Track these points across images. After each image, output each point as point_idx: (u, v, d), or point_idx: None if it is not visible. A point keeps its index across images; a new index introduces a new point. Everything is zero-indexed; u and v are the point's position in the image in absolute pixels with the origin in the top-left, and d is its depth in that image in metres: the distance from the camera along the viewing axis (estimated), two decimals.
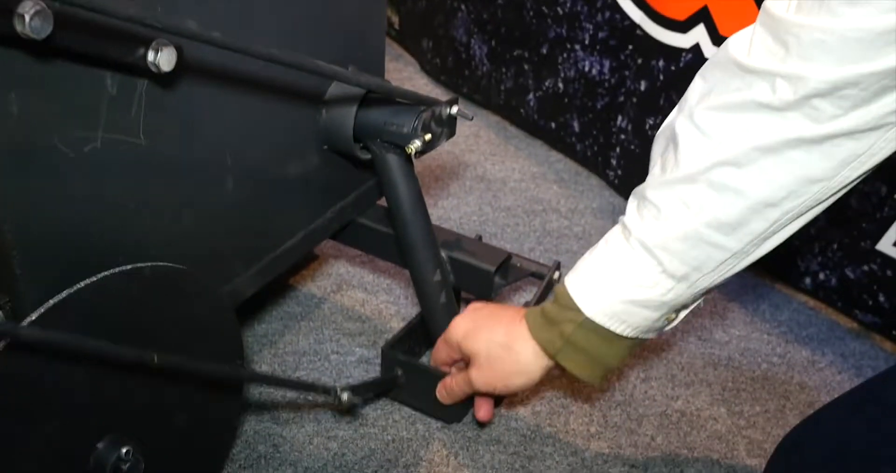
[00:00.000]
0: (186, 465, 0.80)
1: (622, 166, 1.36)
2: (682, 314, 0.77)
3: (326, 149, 0.92)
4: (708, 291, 0.73)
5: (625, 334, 0.74)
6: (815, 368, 1.07)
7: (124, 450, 0.68)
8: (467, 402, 0.92)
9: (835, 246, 1.11)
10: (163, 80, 0.67)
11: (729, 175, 0.64)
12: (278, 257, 0.90)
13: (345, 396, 0.82)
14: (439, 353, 0.90)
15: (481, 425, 0.95)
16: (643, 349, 1.08)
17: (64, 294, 0.62)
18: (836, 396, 0.83)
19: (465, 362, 0.87)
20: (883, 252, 1.07)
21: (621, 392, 1.02)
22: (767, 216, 0.65)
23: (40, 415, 0.63)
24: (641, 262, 0.70)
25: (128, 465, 0.68)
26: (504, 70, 1.56)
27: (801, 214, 0.65)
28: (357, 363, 1.04)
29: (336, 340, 1.08)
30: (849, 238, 1.10)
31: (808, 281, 1.16)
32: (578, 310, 0.73)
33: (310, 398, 0.98)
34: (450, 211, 1.35)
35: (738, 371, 1.06)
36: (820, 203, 0.64)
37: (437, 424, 0.96)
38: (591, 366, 0.77)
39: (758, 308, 1.17)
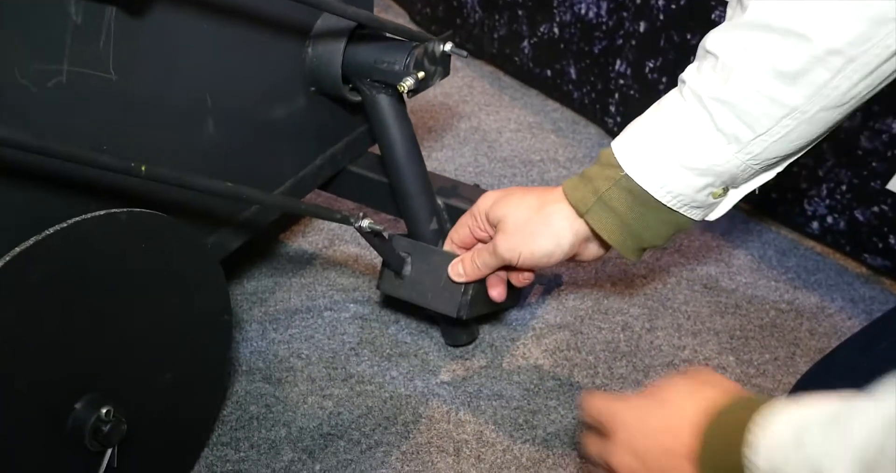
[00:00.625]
0: (173, 427, 0.76)
1: (621, 113, 1.31)
2: (732, 195, 0.72)
3: (314, 91, 0.87)
4: (760, 169, 0.68)
5: (663, 200, 0.69)
6: (825, 314, 1.03)
7: (104, 411, 0.64)
8: (478, 301, 0.86)
9: (843, 187, 1.07)
10: (133, 8, 0.62)
11: (793, 16, 0.60)
12: (265, 207, 0.85)
13: (365, 222, 0.77)
14: (459, 229, 0.84)
15: (482, 379, 0.91)
16: (647, 298, 1.04)
17: (31, 241, 0.57)
18: None
19: (487, 240, 0.82)
20: (894, 192, 1.03)
21: (626, 342, 0.98)
22: (831, 64, 0.60)
23: (9, 373, 0.58)
24: (692, 116, 0.66)
25: (108, 426, 0.64)
26: (497, 17, 1.50)
27: (867, 72, 0.60)
28: (352, 319, 1.00)
29: (329, 296, 1.04)
30: (858, 178, 1.05)
31: (815, 225, 1.12)
32: (618, 167, 0.69)
33: (303, 356, 0.94)
34: (444, 162, 1.30)
35: (745, 318, 1.02)
36: (886, 62, 0.59)
37: (436, 380, 0.92)
38: (622, 233, 0.71)
39: (764, 254, 1.13)
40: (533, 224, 0.76)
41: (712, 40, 0.66)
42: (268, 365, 0.93)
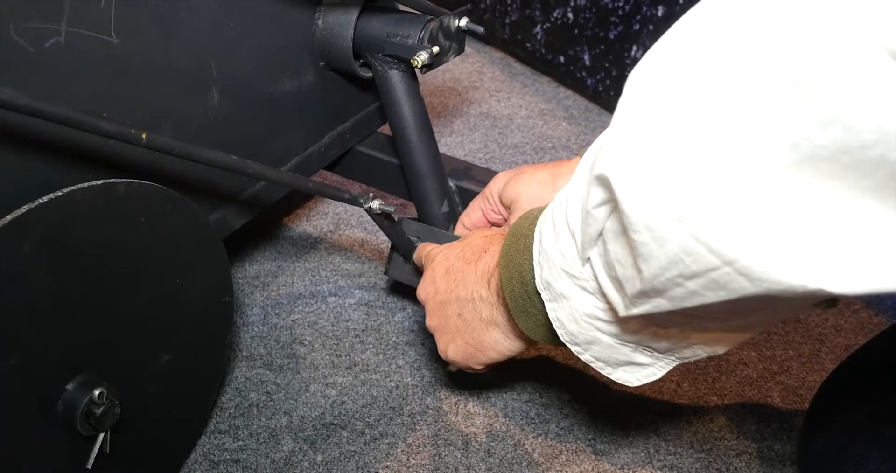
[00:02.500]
0: (169, 412, 0.72)
1: None
2: None
3: (323, 66, 0.83)
4: None
5: None
6: (851, 310, 0.99)
7: (97, 392, 0.60)
8: None
9: None
10: None
11: None
12: (271, 184, 0.81)
13: (375, 203, 0.74)
14: (471, 212, 0.81)
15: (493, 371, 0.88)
16: None
17: (24, 209, 0.53)
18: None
19: (500, 223, 0.80)
20: None
21: None
22: None
23: None
24: None
25: (101, 409, 0.60)
26: (509, 2, 1.46)
27: None
28: (357, 305, 0.96)
29: (334, 282, 1.00)
30: None
31: None
32: None
33: (306, 343, 0.90)
34: (454, 148, 1.26)
35: None
36: None
37: (444, 370, 0.88)
38: None
39: None
40: (547, 199, 0.72)
41: None
42: (269, 350, 0.90)
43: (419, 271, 0.83)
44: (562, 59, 1.40)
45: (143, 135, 0.54)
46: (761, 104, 0.36)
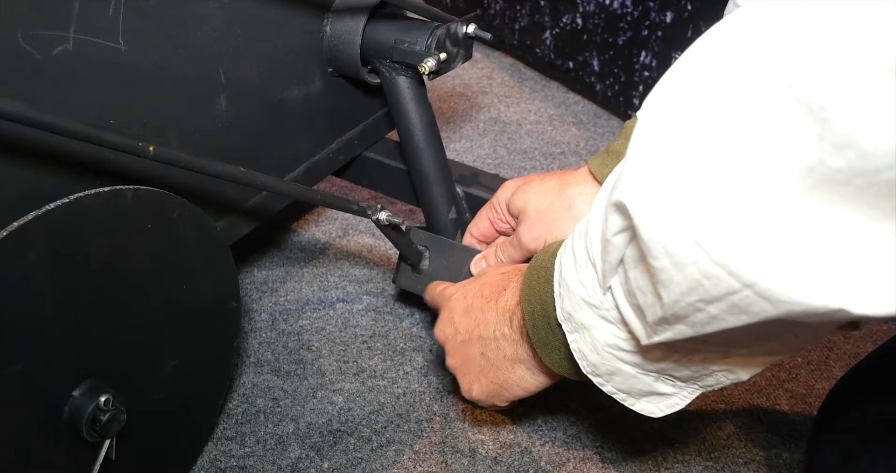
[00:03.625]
0: (175, 418, 0.72)
1: None
2: None
3: (331, 72, 0.83)
4: None
5: None
6: None
7: (103, 399, 0.60)
8: None
9: None
10: None
11: None
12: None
13: (383, 215, 0.74)
14: (479, 222, 0.81)
15: None
16: None
17: (31, 216, 0.53)
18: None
19: (508, 233, 0.79)
20: None
21: None
22: None
23: (3, 356, 0.54)
24: None
25: (107, 416, 0.60)
26: (518, 7, 1.46)
27: None
28: (364, 311, 0.96)
29: (342, 287, 1.00)
30: None
31: None
32: None
33: (314, 348, 0.90)
34: (463, 154, 1.26)
35: None
36: None
37: (452, 377, 0.88)
38: None
39: None
40: (555, 209, 0.72)
41: None
42: (276, 356, 0.90)
43: (428, 279, 0.83)
44: (571, 64, 1.40)
45: (151, 148, 0.54)
46: (774, 129, 0.36)
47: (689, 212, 0.39)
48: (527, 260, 0.79)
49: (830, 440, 0.72)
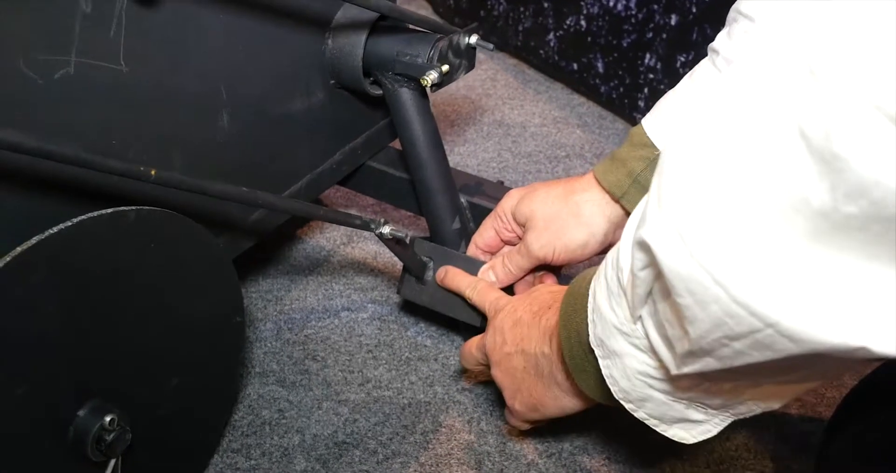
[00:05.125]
0: (180, 433, 0.73)
1: (650, 108, 1.27)
2: None
3: (334, 85, 0.83)
4: None
5: None
6: None
7: (108, 419, 0.60)
8: None
9: None
10: None
11: None
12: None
13: (386, 228, 0.73)
14: (484, 232, 0.81)
15: None
16: None
17: (34, 240, 0.53)
18: None
19: (514, 242, 0.79)
20: None
21: None
22: None
23: (9, 377, 0.54)
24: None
25: (112, 436, 0.60)
26: (522, 9, 1.46)
27: None
28: (370, 319, 0.96)
29: (347, 295, 1.00)
30: None
31: None
32: (652, 146, 0.65)
33: (319, 358, 0.90)
34: (467, 157, 1.26)
35: None
36: None
37: (457, 386, 0.88)
38: None
39: None
40: (563, 216, 0.72)
41: (747, 2, 0.61)
42: (282, 367, 0.90)
43: (432, 290, 0.83)
44: (575, 66, 1.40)
45: (153, 172, 0.54)
46: (789, 175, 0.36)
47: (709, 253, 0.39)
48: (535, 269, 0.79)
49: (842, 450, 0.71)
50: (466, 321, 0.83)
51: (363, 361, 0.91)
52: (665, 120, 0.65)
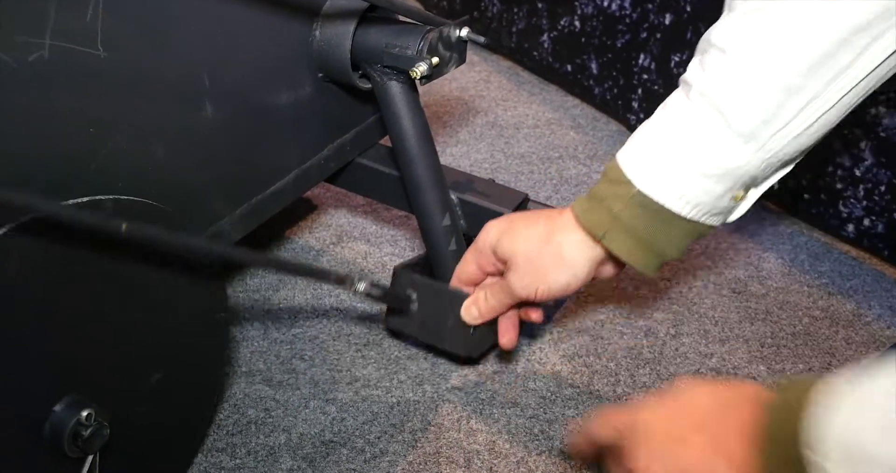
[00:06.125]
0: (162, 432, 0.71)
1: (644, 109, 1.26)
2: (752, 195, 0.66)
3: (321, 78, 0.81)
4: (780, 164, 0.63)
5: (682, 212, 0.63)
6: (862, 322, 0.97)
7: (85, 414, 0.59)
8: (488, 335, 0.81)
9: (882, 188, 1.01)
10: None
11: None
12: (268, 198, 0.80)
13: (361, 285, 0.72)
14: (466, 266, 0.79)
15: (496, 385, 0.86)
16: (671, 302, 0.98)
17: (5, 228, 0.52)
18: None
19: (497, 273, 0.77)
20: None
21: (649, 349, 0.92)
22: (855, 45, 0.55)
23: None
24: (703, 119, 0.60)
25: (89, 431, 0.59)
26: (516, 10, 1.45)
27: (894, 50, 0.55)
28: (359, 320, 0.95)
29: (336, 295, 0.99)
30: None
31: (850, 227, 1.06)
32: (629, 183, 0.63)
33: (306, 358, 0.89)
34: (460, 158, 1.25)
35: (777, 325, 0.96)
36: None
37: (446, 385, 0.86)
38: (643, 252, 0.66)
39: (795, 258, 1.07)
40: (545, 257, 0.70)
41: (718, 33, 0.60)
42: (269, 366, 0.88)
43: (417, 321, 0.82)
44: (569, 67, 1.39)
45: (124, 226, 0.53)
46: None
47: None
48: (518, 306, 0.78)
49: None
50: (452, 350, 0.83)
51: (351, 360, 0.89)
52: (639, 155, 0.64)
